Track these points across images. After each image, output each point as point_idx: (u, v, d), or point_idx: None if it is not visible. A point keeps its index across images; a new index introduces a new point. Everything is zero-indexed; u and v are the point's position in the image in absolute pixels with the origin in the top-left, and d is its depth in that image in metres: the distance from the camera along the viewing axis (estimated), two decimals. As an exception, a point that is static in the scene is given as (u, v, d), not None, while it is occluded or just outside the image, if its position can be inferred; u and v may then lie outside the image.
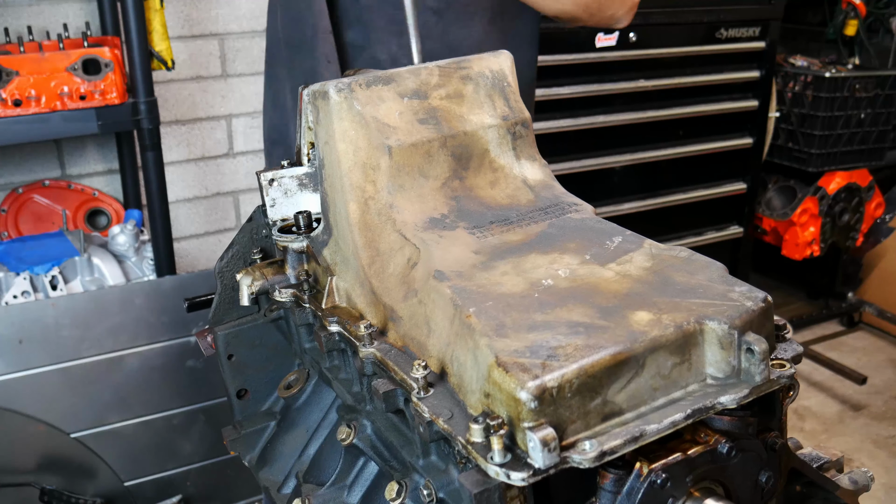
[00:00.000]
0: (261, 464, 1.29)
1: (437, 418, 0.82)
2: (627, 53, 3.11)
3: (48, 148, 2.90)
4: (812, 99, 3.69)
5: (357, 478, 1.07)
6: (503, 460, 0.72)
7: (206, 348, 1.31)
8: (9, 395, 2.22)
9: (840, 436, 3.32)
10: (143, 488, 2.49)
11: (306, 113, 1.14)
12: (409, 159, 1.05)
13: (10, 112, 2.32)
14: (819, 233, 3.87)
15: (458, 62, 1.13)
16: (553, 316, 0.83)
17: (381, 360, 0.96)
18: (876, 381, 3.67)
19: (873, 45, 4.07)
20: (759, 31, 3.41)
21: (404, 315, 0.97)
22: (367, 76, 1.08)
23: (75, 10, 2.84)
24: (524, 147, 1.14)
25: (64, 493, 2.33)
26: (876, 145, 3.86)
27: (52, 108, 2.35)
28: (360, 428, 1.05)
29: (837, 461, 1.05)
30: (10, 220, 2.82)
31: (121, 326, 2.32)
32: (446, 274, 0.92)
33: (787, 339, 0.89)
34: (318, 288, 1.16)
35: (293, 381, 1.29)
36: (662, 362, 0.79)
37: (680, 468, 0.78)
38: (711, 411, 0.78)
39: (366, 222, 1.04)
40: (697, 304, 0.83)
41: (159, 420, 2.46)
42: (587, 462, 0.72)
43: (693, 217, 3.58)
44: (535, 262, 0.95)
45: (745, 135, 3.57)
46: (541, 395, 0.73)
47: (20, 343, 2.21)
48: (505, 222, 1.05)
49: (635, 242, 0.99)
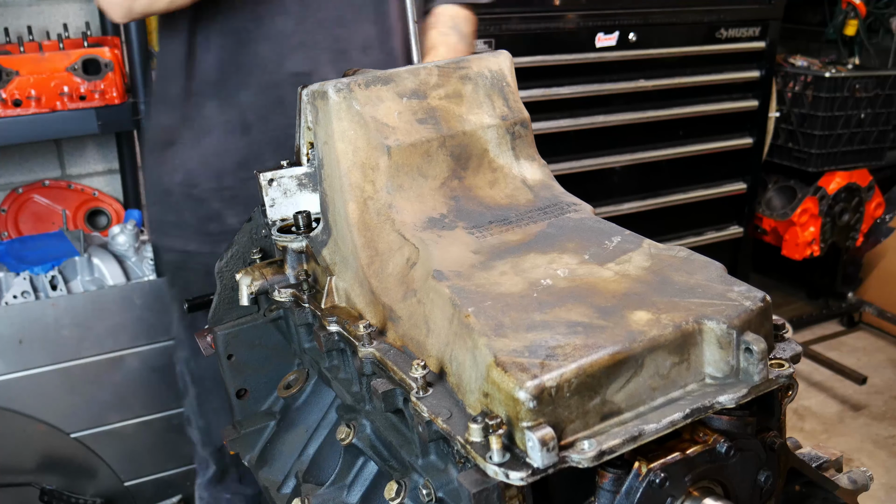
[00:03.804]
0: (260, 463, 1.29)
1: (436, 418, 0.82)
2: (627, 53, 3.10)
3: (48, 148, 2.90)
4: (812, 99, 3.69)
5: (356, 477, 1.07)
6: (502, 460, 0.72)
7: (206, 348, 1.31)
8: (9, 395, 2.22)
9: (840, 436, 3.32)
10: (143, 488, 2.49)
11: (305, 113, 1.15)
12: (408, 159, 1.05)
13: (10, 112, 2.32)
14: (819, 233, 3.87)
15: (458, 62, 1.14)
16: (552, 316, 0.83)
17: (381, 360, 0.96)
18: (876, 381, 3.67)
19: (873, 45, 4.07)
20: (759, 31, 3.41)
21: (403, 315, 0.97)
22: (366, 76, 1.08)
23: (75, 10, 2.85)
24: (523, 147, 1.14)
25: (64, 493, 2.33)
26: (876, 145, 3.86)
27: (52, 108, 2.36)
28: (360, 428, 1.05)
29: (837, 461, 1.05)
30: (10, 220, 2.82)
31: (121, 326, 2.33)
32: (445, 274, 0.92)
33: (785, 339, 0.89)
34: (318, 288, 1.16)
35: (293, 381, 1.29)
36: (661, 362, 0.79)
37: (678, 468, 0.78)
38: (710, 411, 0.78)
39: (365, 222, 1.04)
40: (696, 303, 0.83)
41: (159, 420, 2.46)
42: (586, 462, 0.72)
43: (693, 217, 3.58)
44: (534, 262, 0.95)
45: (745, 135, 3.57)
46: (539, 395, 0.73)
47: (20, 343, 2.21)
48: (504, 222, 1.05)
49: (634, 242, 0.99)
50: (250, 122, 1.60)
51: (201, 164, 1.63)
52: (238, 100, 1.59)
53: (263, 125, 1.60)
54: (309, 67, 1.58)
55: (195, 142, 1.62)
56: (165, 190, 1.68)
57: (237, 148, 1.61)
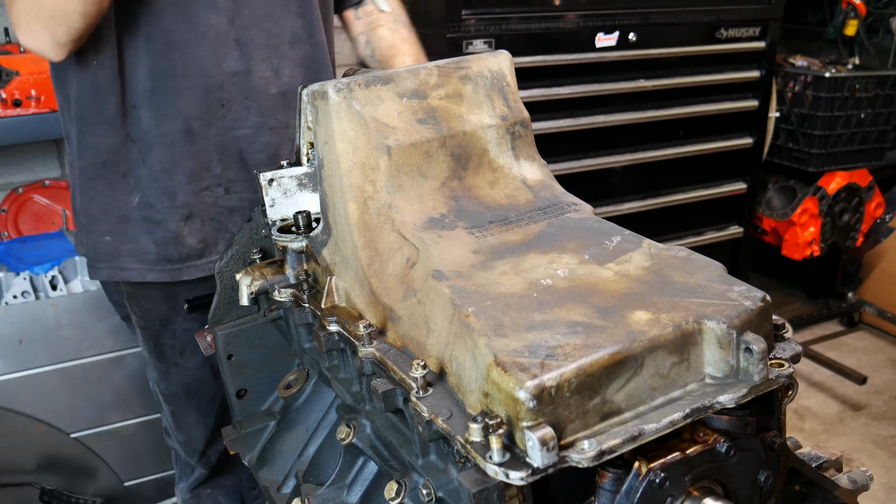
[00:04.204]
0: (260, 463, 1.29)
1: (436, 418, 0.82)
2: (627, 53, 3.10)
3: (48, 148, 2.90)
4: (812, 99, 3.69)
5: (356, 477, 1.07)
6: (502, 459, 0.73)
7: (206, 348, 1.31)
8: (9, 395, 2.22)
9: (840, 436, 3.32)
10: (143, 488, 2.49)
11: (305, 113, 1.15)
12: (409, 159, 1.05)
13: (10, 112, 2.32)
14: (819, 233, 3.87)
15: (458, 62, 1.14)
16: (552, 315, 0.83)
17: (381, 360, 0.96)
18: (876, 381, 3.67)
19: (873, 45, 4.07)
20: (759, 31, 3.41)
21: (403, 315, 0.97)
22: (365, 76, 1.08)
23: (75, 11, 2.84)
24: (523, 147, 1.14)
25: (64, 493, 2.33)
26: (876, 145, 3.86)
27: (52, 108, 2.35)
28: (360, 427, 1.05)
29: (836, 461, 1.05)
30: (10, 220, 2.82)
31: (121, 326, 2.32)
32: (445, 274, 0.92)
33: (785, 339, 0.89)
34: (318, 288, 1.16)
35: (293, 381, 1.29)
36: (661, 362, 0.79)
37: (678, 467, 0.78)
38: (710, 411, 0.78)
39: (365, 222, 1.04)
40: (696, 303, 0.84)
41: (159, 420, 2.45)
42: (586, 461, 0.72)
43: (693, 217, 3.58)
44: (534, 262, 0.95)
45: (745, 135, 3.57)
46: (539, 395, 0.73)
47: (20, 343, 2.21)
48: (504, 222, 1.05)
49: (634, 242, 0.99)
50: (195, 130, 1.53)
51: (152, 182, 1.55)
52: (177, 107, 1.51)
53: (208, 131, 1.53)
54: (246, 65, 1.53)
55: (140, 159, 1.54)
56: (122, 216, 1.58)
57: (184, 160, 1.53)
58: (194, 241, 1.59)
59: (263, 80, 1.56)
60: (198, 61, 1.49)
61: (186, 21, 1.47)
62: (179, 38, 1.47)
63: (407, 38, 1.79)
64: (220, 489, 1.93)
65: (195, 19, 1.47)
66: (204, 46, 1.49)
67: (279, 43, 1.57)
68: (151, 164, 1.54)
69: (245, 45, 1.53)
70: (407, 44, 1.78)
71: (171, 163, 1.54)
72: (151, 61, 1.48)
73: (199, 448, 1.84)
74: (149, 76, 1.49)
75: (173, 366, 1.73)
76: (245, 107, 1.55)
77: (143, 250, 1.59)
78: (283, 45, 1.58)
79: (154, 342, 1.71)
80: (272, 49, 1.56)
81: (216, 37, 1.50)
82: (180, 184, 1.55)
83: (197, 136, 1.53)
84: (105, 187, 1.58)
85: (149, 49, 1.47)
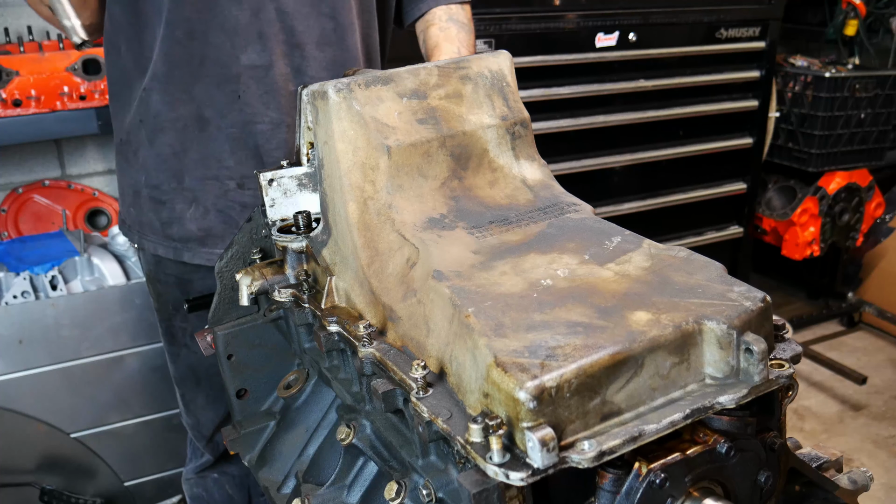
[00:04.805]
0: (260, 463, 1.29)
1: (436, 418, 0.82)
2: (627, 53, 3.10)
3: (48, 148, 2.90)
4: (812, 99, 3.69)
5: (356, 478, 1.07)
6: (502, 460, 0.72)
7: (206, 348, 1.31)
8: (9, 395, 2.22)
9: (840, 436, 3.32)
10: (143, 488, 2.49)
11: (305, 113, 1.15)
12: (408, 159, 1.05)
13: (10, 112, 2.32)
14: (819, 233, 3.87)
15: (458, 62, 1.14)
16: (552, 316, 0.83)
17: (381, 360, 0.96)
18: (876, 381, 3.67)
19: (873, 45, 4.07)
20: (759, 31, 3.41)
21: (403, 315, 0.97)
22: (365, 76, 1.08)
23: (75, 11, 2.84)
24: (523, 147, 1.14)
25: (64, 493, 2.33)
26: (876, 145, 3.86)
27: (52, 108, 2.36)
28: (360, 428, 1.05)
29: (837, 461, 1.05)
30: (10, 220, 2.82)
31: (121, 326, 2.33)
32: (445, 274, 0.92)
33: (786, 339, 0.89)
34: (318, 288, 1.16)
35: (293, 381, 1.29)
36: (661, 362, 0.79)
37: (679, 468, 0.78)
38: (710, 411, 0.78)
39: (365, 222, 1.04)
40: (696, 304, 0.83)
41: (159, 420, 2.46)
42: (586, 462, 0.72)
43: (693, 217, 3.58)
44: (534, 262, 0.95)
45: (745, 135, 3.57)
46: (539, 395, 0.73)
47: (20, 343, 2.21)
48: (504, 222, 1.05)
49: (634, 242, 0.99)
50: (207, 118, 1.56)
51: (159, 164, 1.61)
52: (191, 94, 1.54)
53: (221, 121, 1.56)
54: (267, 60, 1.54)
55: (150, 141, 1.60)
56: (136, 192, 1.67)
57: (194, 146, 1.58)
58: (194, 227, 1.63)
59: (283, 77, 1.57)
60: (215, 51, 1.52)
61: (208, 11, 1.50)
62: (199, 27, 1.51)
63: (451, 37, 1.73)
64: (229, 478, 1.95)
65: (216, 10, 1.50)
66: (222, 37, 1.52)
67: (304, 42, 1.57)
68: (161, 146, 1.60)
69: (267, 39, 1.54)
70: (448, 42, 1.72)
71: (181, 147, 1.58)
72: (168, 47, 1.52)
73: (207, 434, 1.88)
74: (164, 61, 1.53)
75: (183, 347, 1.80)
76: (264, 102, 1.56)
77: (153, 225, 1.67)
78: (308, 45, 1.57)
79: (167, 324, 1.79)
80: (296, 47, 1.57)
81: (236, 28, 1.52)
82: (188, 168, 1.59)
83: (208, 124, 1.56)
84: (124, 164, 1.69)
85: (167, 35, 1.51)
